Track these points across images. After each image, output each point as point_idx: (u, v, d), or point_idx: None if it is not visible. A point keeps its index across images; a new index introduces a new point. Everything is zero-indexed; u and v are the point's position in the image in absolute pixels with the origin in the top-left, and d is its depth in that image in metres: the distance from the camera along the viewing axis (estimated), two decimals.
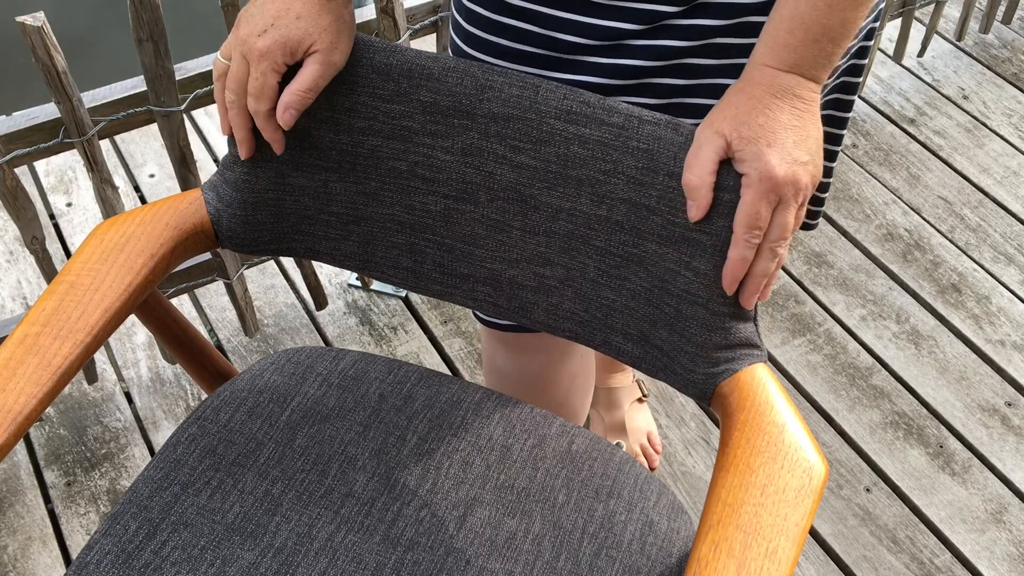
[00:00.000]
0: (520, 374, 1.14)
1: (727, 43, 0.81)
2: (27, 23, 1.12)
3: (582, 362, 1.18)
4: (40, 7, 2.73)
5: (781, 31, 0.70)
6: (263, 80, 0.77)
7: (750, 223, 0.71)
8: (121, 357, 1.66)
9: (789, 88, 0.71)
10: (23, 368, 0.75)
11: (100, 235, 0.83)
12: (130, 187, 1.95)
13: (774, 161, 0.69)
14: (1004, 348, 1.71)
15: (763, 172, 0.69)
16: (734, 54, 0.81)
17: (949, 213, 1.94)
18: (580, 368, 1.18)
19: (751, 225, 0.71)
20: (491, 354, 1.16)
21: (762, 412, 0.73)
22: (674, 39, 0.80)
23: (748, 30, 0.80)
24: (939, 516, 1.49)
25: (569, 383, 1.16)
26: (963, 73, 2.26)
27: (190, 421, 0.93)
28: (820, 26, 0.69)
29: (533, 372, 1.13)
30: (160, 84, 1.27)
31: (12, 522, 1.45)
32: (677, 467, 1.54)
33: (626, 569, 0.84)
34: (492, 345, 1.14)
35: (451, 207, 0.84)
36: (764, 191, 0.70)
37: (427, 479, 0.89)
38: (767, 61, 0.71)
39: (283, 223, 0.89)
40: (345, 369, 0.98)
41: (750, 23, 0.79)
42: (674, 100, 0.84)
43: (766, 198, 0.70)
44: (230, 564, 0.82)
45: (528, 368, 1.13)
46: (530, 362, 1.12)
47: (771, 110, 0.70)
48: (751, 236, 0.71)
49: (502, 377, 1.16)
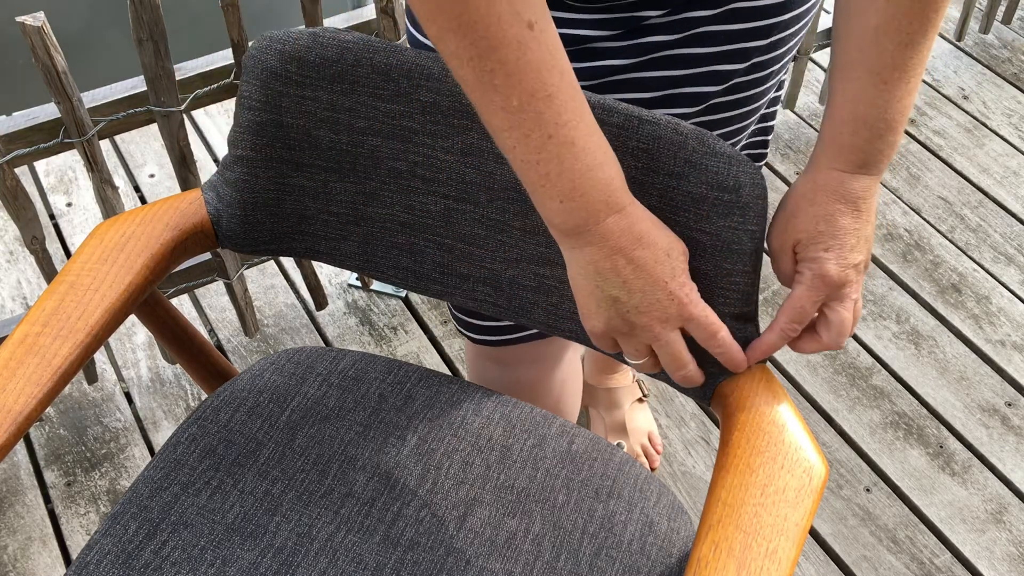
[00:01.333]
0: (510, 385, 1.14)
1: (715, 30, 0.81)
2: (27, 23, 1.12)
3: (570, 367, 1.18)
4: (40, 7, 2.72)
5: (844, 133, 0.70)
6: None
7: (793, 317, 0.73)
8: (121, 357, 1.66)
9: (855, 192, 0.71)
10: (23, 368, 0.75)
11: (100, 235, 0.83)
12: (130, 187, 1.95)
13: (829, 266, 0.71)
14: (1004, 348, 1.71)
15: (816, 273, 0.71)
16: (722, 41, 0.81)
17: (949, 213, 1.94)
18: (569, 373, 1.18)
19: (793, 319, 0.73)
20: (479, 367, 1.16)
21: (762, 412, 0.73)
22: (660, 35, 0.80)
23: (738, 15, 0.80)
24: (939, 516, 1.49)
25: (560, 389, 1.16)
26: (963, 73, 2.26)
27: (190, 421, 0.93)
28: (884, 122, 0.69)
29: (524, 383, 1.13)
30: (160, 84, 1.27)
31: (12, 522, 1.45)
32: (677, 467, 1.54)
33: (626, 569, 0.84)
34: (480, 360, 1.14)
35: (451, 207, 0.84)
36: (814, 291, 0.72)
37: (427, 479, 0.89)
38: (835, 165, 0.70)
39: (283, 223, 0.89)
40: (345, 369, 0.98)
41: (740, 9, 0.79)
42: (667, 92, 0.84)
43: (814, 297, 0.72)
44: (230, 564, 0.82)
45: (519, 379, 1.13)
46: (523, 374, 1.12)
47: (834, 216, 0.71)
48: (791, 328, 0.74)
49: (491, 387, 1.16)
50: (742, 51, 0.82)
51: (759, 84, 0.86)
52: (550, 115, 0.62)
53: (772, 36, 0.82)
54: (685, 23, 0.79)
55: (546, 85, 0.61)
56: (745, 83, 0.85)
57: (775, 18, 0.81)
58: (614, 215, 0.66)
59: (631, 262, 0.67)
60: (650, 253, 0.68)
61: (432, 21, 0.60)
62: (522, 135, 0.63)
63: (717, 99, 0.84)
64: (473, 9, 0.59)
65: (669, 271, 0.69)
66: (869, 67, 0.68)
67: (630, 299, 0.69)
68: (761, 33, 0.81)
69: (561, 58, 0.62)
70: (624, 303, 0.69)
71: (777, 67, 0.86)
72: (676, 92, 0.83)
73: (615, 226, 0.66)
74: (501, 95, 0.62)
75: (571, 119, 0.63)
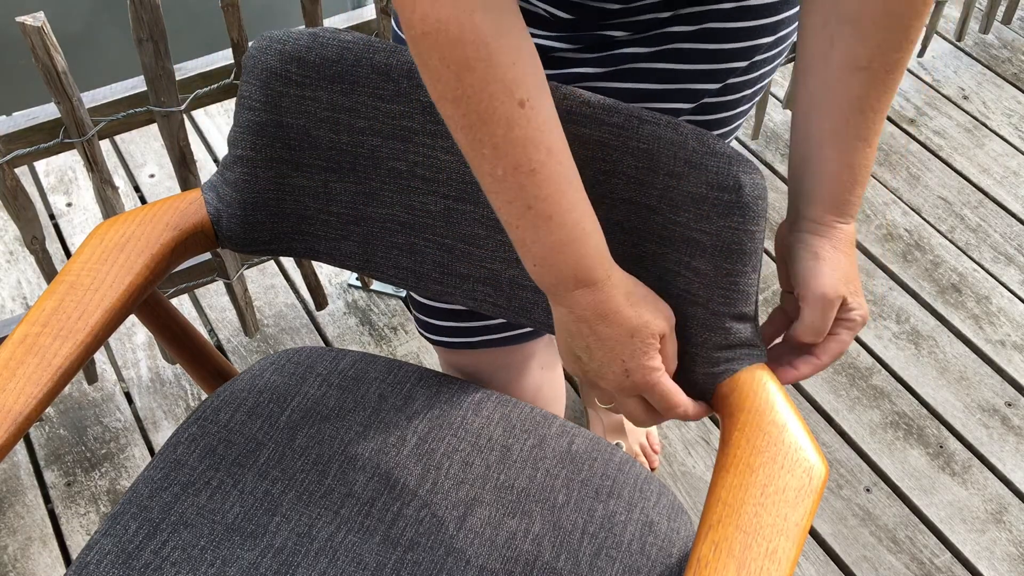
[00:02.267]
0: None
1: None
2: (27, 23, 1.12)
3: (545, 377, 1.17)
4: (40, 7, 2.73)
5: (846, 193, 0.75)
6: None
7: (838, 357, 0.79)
8: (121, 357, 1.66)
9: (853, 234, 0.77)
10: (23, 368, 0.75)
11: (100, 235, 0.83)
12: (130, 187, 1.95)
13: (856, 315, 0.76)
14: (1004, 348, 1.71)
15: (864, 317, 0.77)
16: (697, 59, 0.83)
17: (949, 213, 1.94)
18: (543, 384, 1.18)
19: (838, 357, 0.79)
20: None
21: (762, 412, 0.73)
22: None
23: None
24: (939, 516, 1.49)
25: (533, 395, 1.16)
26: (963, 73, 2.26)
27: (190, 421, 0.93)
28: (866, 177, 0.75)
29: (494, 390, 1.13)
30: (160, 84, 1.27)
31: (12, 522, 1.45)
32: (677, 467, 1.54)
33: (626, 569, 0.84)
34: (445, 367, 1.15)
35: (451, 207, 0.84)
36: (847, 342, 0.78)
37: (427, 479, 0.89)
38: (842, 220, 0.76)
39: (283, 223, 0.89)
40: (345, 369, 0.97)
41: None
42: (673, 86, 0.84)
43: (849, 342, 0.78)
44: (230, 564, 0.82)
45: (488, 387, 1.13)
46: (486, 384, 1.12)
47: (852, 267, 0.76)
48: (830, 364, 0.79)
49: None
50: (718, 72, 0.82)
51: (732, 107, 0.87)
52: (531, 188, 0.65)
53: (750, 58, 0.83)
54: (660, 38, 0.79)
55: (531, 160, 0.64)
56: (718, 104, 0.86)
57: (752, 41, 0.81)
58: (582, 289, 0.69)
59: (593, 333, 0.71)
60: (612, 331, 0.70)
61: (432, 88, 0.64)
62: (505, 201, 0.66)
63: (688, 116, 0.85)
64: (467, 85, 0.62)
65: (629, 351, 0.71)
66: (857, 134, 0.73)
67: (590, 363, 0.72)
68: (739, 55, 0.82)
69: (550, 135, 0.65)
70: (585, 364, 0.73)
71: (751, 91, 0.87)
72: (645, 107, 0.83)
73: (582, 299, 0.69)
74: (488, 163, 0.65)
75: (551, 194, 0.66)
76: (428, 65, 0.63)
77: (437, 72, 0.62)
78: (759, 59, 0.84)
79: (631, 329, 0.71)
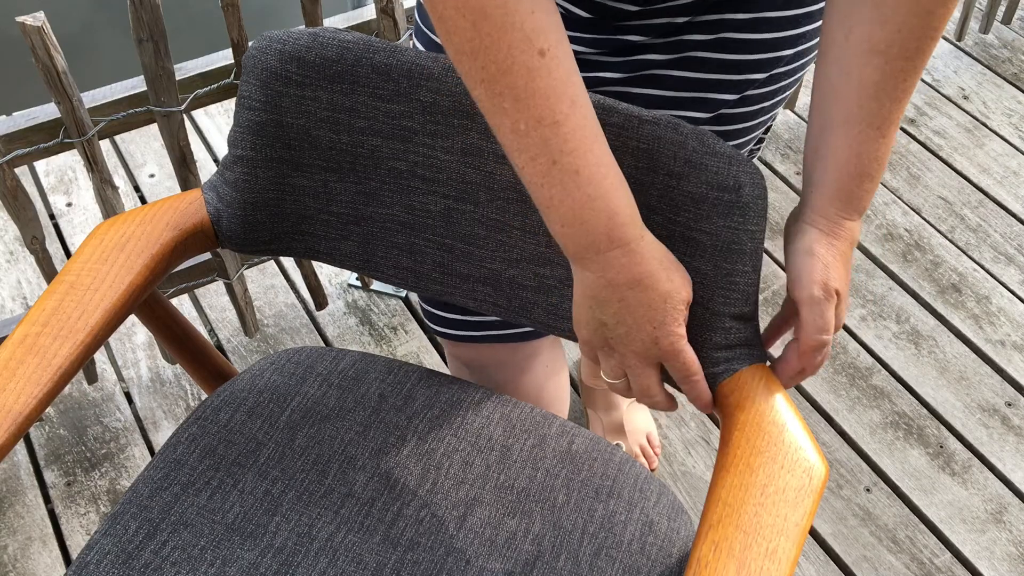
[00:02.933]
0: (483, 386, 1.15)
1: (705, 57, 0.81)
2: (27, 23, 1.12)
3: (550, 373, 1.17)
4: (40, 7, 2.73)
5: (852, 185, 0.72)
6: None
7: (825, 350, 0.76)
8: (121, 357, 1.66)
9: (857, 237, 0.74)
10: (23, 368, 0.75)
11: (100, 235, 0.83)
12: (130, 187, 1.95)
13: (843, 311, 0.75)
14: (1004, 348, 1.71)
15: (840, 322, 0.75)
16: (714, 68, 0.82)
17: (949, 213, 1.94)
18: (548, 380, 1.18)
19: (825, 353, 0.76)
20: (453, 368, 1.17)
21: (762, 412, 0.73)
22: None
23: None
24: (939, 516, 1.49)
25: (536, 396, 1.16)
26: (963, 73, 2.26)
27: (190, 421, 0.93)
28: (878, 170, 0.72)
29: (495, 386, 1.14)
30: (160, 84, 1.27)
31: (12, 522, 1.45)
32: (677, 467, 1.54)
33: (626, 569, 0.84)
34: (452, 360, 1.15)
35: (451, 207, 0.84)
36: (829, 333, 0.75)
37: (427, 479, 0.89)
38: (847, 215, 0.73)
39: (283, 223, 0.89)
40: (345, 369, 0.98)
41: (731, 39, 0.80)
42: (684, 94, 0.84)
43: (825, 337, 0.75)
44: (230, 564, 0.82)
45: (489, 382, 1.13)
46: (492, 377, 1.12)
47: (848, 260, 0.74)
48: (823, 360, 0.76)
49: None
50: (737, 82, 0.82)
51: (749, 119, 0.86)
52: (556, 142, 0.63)
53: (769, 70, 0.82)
54: (677, 45, 0.79)
55: (554, 112, 0.62)
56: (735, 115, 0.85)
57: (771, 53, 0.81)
58: (616, 250, 0.66)
59: (622, 300, 0.68)
60: (643, 297, 0.68)
61: (448, 42, 0.62)
62: (529, 158, 0.64)
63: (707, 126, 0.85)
64: (485, 35, 0.59)
65: (659, 318, 0.69)
66: (870, 122, 0.70)
67: (616, 329, 0.70)
68: (757, 67, 0.81)
69: (574, 86, 0.63)
70: (610, 329, 0.70)
71: (769, 103, 0.86)
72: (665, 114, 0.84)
73: (615, 261, 0.67)
74: (510, 118, 0.63)
75: (578, 147, 0.63)
76: (444, 17, 0.60)
77: (453, 22, 0.60)
78: (779, 72, 0.83)
79: (664, 294, 0.68)
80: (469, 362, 1.10)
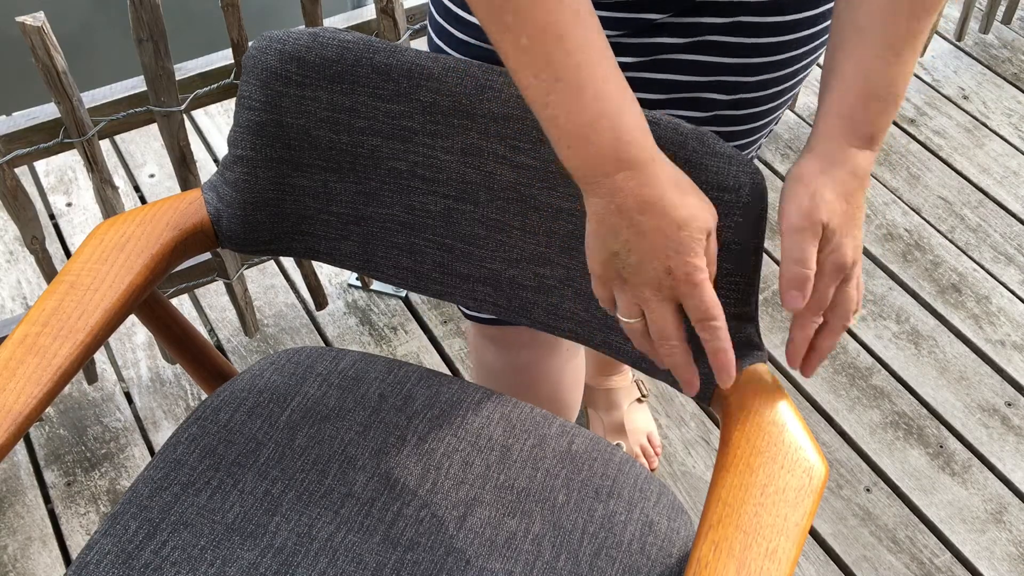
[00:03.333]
0: (508, 369, 1.14)
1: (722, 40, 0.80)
2: (27, 23, 1.12)
3: (570, 356, 1.18)
4: (40, 7, 2.73)
5: (858, 108, 0.67)
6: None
7: (820, 306, 0.70)
8: (121, 357, 1.66)
9: (864, 169, 0.68)
10: (23, 368, 0.75)
11: (100, 235, 0.83)
12: (130, 187, 1.95)
13: (847, 251, 0.68)
14: (1004, 348, 1.71)
15: (838, 262, 0.68)
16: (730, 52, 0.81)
17: (949, 213, 1.94)
18: (568, 362, 1.18)
19: (820, 307, 0.70)
20: (479, 350, 1.16)
21: (762, 412, 0.73)
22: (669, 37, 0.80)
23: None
24: (939, 516, 1.49)
25: (558, 377, 1.16)
26: (963, 73, 2.26)
27: (190, 421, 0.93)
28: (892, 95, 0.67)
29: (521, 367, 1.13)
30: (160, 84, 1.27)
31: (12, 522, 1.45)
32: (677, 467, 1.54)
33: (626, 569, 0.84)
34: (480, 341, 1.14)
35: (451, 207, 0.84)
36: (834, 277, 0.69)
37: (427, 479, 0.89)
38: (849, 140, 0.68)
39: (283, 223, 0.89)
40: (345, 369, 0.98)
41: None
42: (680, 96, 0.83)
43: (834, 283, 0.69)
44: (230, 564, 0.82)
45: (516, 363, 1.13)
46: (517, 357, 1.12)
47: (852, 196, 0.68)
48: (817, 318, 0.71)
49: (490, 373, 1.17)
50: (750, 66, 0.81)
51: (769, 101, 0.86)
52: (560, 56, 0.60)
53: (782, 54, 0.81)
54: (694, 28, 0.78)
55: (557, 24, 0.60)
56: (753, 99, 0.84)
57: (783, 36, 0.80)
58: (624, 172, 0.63)
59: (633, 226, 0.64)
60: (656, 222, 0.63)
61: None
62: (532, 75, 0.61)
63: (724, 110, 0.84)
64: None
65: (675, 246, 0.64)
66: (881, 40, 0.66)
67: (628, 258, 0.66)
68: (770, 50, 0.81)
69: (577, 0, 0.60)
70: (622, 259, 0.66)
71: (789, 84, 0.85)
72: (681, 97, 0.83)
73: (624, 184, 0.63)
74: (512, 33, 0.60)
75: (582, 63, 0.60)
76: None
77: None
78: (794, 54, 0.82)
79: (679, 221, 0.64)
80: (496, 338, 1.09)
